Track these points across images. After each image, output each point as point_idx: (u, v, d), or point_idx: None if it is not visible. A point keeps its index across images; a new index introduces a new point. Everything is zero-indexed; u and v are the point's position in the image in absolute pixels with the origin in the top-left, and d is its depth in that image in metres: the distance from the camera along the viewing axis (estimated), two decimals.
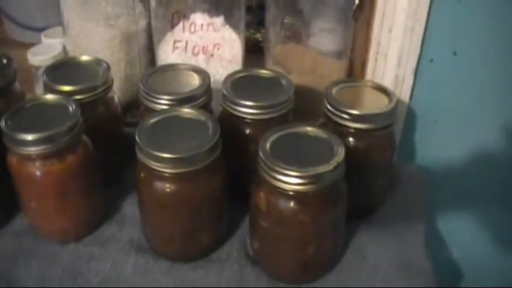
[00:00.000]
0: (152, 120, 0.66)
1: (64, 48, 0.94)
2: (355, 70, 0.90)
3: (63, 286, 0.69)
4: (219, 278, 0.69)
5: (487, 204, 0.91)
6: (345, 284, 0.69)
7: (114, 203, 0.79)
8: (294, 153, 0.63)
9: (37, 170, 0.67)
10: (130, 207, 0.78)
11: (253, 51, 1.02)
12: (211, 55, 0.87)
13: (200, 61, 0.87)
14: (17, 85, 0.79)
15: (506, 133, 0.83)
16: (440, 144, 0.89)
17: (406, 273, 0.71)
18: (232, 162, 0.70)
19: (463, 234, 0.94)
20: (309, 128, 0.66)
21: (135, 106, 0.87)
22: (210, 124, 0.66)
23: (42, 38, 0.99)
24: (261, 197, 0.64)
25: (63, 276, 0.70)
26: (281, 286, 0.69)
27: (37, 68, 0.93)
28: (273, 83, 0.75)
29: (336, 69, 0.88)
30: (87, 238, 0.74)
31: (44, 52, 0.94)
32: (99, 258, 0.72)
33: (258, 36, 1.07)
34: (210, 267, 0.70)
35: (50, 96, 0.71)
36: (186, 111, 0.68)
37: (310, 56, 0.88)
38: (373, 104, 0.72)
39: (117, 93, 0.82)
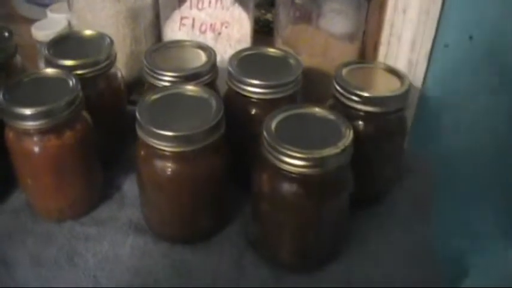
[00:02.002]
0: (154, 97, 0.64)
1: (69, 23, 0.92)
2: (367, 53, 0.87)
3: (58, 265, 0.67)
4: (219, 262, 0.67)
5: (500, 196, 0.88)
6: (347, 273, 0.67)
7: (115, 183, 0.78)
8: (300, 135, 0.60)
9: (34, 146, 0.65)
10: (130, 187, 0.76)
11: (264, 32, 0.99)
12: (219, 33, 0.85)
13: (208, 39, 0.85)
14: (18, 59, 0.77)
15: None
16: (453, 133, 0.87)
17: (412, 264, 0.69)
18: (236, 144, 0.68)
19: (472, 224, 0.91)
20: (317, 109, 0.64)
21: (140, 84, 0.84)
22: (213, 102, 0.63)
23: (48, 13, 0.97)
24: (264, 180, 0.61)
25: (59, 256, 0.68)
26: (281, 273, 0.66)
27: (41, 43, 0.91)
28: (281, 62, 0.73)
29: (347, 53, 0.85)
30: (84, 217, 0.73)
31: (48, 27, 0.92)
32: (97, 238, 0.70)
33: (269, 16, 1.04)
34: (209, 250, 0.68)
35: (49, 70, 0.69)
36: (189, 88, 0.66)
37: (320, 38, 0.85)
38: (385, 86, 0.69)
39: (122, 71, 0.80)
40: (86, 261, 0.68)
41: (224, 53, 0.84)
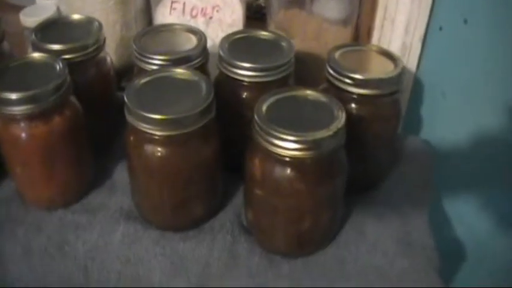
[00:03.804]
0: (143, 81, 0.63)
1: (58, 9, 0.90)
2: (360, 37, 0.86)
3: (49, 254, 0.66)
4: (210, 249, 0.66)
5: (495, 183, 0.87)
6: (342, 259, 0.66)
7: (105, 170, 0.76)
8: (292, 118, 0.59)
9: (21, 132, 0.64)
10: (121, 175, 0.74)
11: (256, 18, 0.98)
12: (210, 18, 0.83)
13: (199, 24, 0.84)
14: (6, 45, 0.76)
15: None
16: (448, 118, 0.86)
17: (407, 251, 0.68)
18: (229, 129, 0.67)
19: (469, 213, 0.90)
20: (309, 92, 0.63)
21: (131, 70, 0.83)
22: (203, 85, 0.62)
23: None
24: (256, 164, 0.60)
25: (49, 244, 0.67)
26: (276, 259, 0.65)
27: (30, 30, 0.89)
28: (273, 45, 0.71)
29: (341, 37, 0.84)
30: (75, 205, 0.72)
31: (37, 13, 0.90)
32: (87, 227, 0.69)
33: (261, 2, 1.03)
34: (201, 237, 0.67)
35: (36, 55, 0.67)
36: (179, 71, 0.64)
37: (313, 23, 0.84)
38: (378, 69, 0.68)
39: (112, 57, 0.79)
40: (77, 249, 0.67)
41: (216, 37, 0.82)
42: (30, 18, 0.89)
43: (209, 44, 0.74)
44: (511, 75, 0.78)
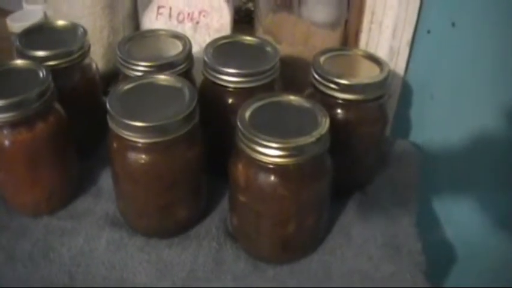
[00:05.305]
0: (125, 87, 0.63)
1: (45, 14, 0.90)
2: (349, 41, 0.86)
3: (33, 261, 0.65)
4: (196, 256, 0.66)
5: (483, 184, 0.87)
6: (328, 264, 0.66)
7: (91, 176, 0.76)
8: (275, 124, 0.59)
9: (5, 139, 0.63)
10: (107, 181, 0.74)
11: (245, 22, 0.98)
12: (197, 23, 0.83)
13: (187, 29, 0.84)
14: None
15: (506, 110, 0.79)
16: (436, 121, 0.86)
17: (394, 254, 0.67)
18: (214, 135, 0.66)
19: (458, 214, 0.90)
20: (292, 97, 0.62)
21: (118, 76, 0.83)
22: (186, 91, 0.62)
23: (24, 4, 0.95)
24: (240, 170, 0.60)
25: (34, 251, 0.67)
26: (261, 265, 0.65)
27: (17, 35, 0.89)
28: (258, 50, 0.71)
29: (329, 41, 0.84)
30: (60, 212, 0.71)
31: (24, 18, 0.90)
32: (72, 233, 0.68)
33: (250, 6, 1.02)
34: (187, 244, 0.67)
35: (19, 62, 0.67)
36: (162, 77, 0.64)
37: (302, 27, 0.83)
38: (364, 74, 0.68)
39: (99, 63, 0.79)
40: (61, 256, 0.66)
41: (203, 42, 0.81)
42: (17, 24, 0.89)
43: (196, 49, 0.74)
44: (499, 78, 0.78)
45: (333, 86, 0.65)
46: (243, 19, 0.99)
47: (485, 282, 0.95)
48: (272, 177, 0.58)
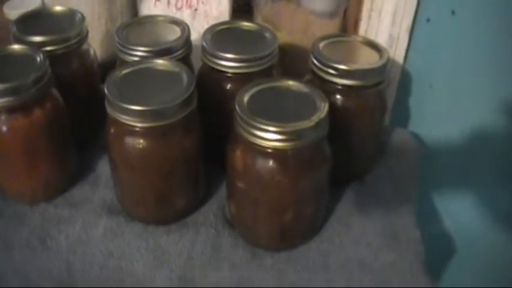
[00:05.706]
0: (123, 72, 0.62)
1: (42, 1, 0.89)
2: (348, 29, 0.85)
3: (30, 248, 0.65)
4: (193, 243, 0.65)
5: (482, 175, 0.87)
6: (327, 253, 0.65)
7: (89, 164, 0.76)
8: (274, 109, 0.59)
9: (2, 125, 0.63)
10: (104, 168, 0.74)
11: (244, 11, 0.97)
12: (196, 10, 0.82)
13: (185, 16, 0.83)
14: None
15: (505, 99, 0.79)
16: (435, 110, 0.85)
17: (393, 243, 0.67)
18: (212, 121, 0.66)
19: (456, 206, 0.90)
20: (291, 82, 0.62)
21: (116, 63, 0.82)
22: (184, 76, 0.61)
23: None
24: (238, 156, 0.59)
25: (31, 238, 0.66)
26: (259, 252, 0.65)
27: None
28: (257, 36, 0.70)
29: (328, 29, 0.83)
30: (57, 199, 0.71)
31: (21, 6, 0.88)
32: (69, 220, 0.68)
33: None
34: (184, 231, 0.67)
35: (16, 47, 0.66)
36: (160, 62, 0.64)
37: (301, 16, 0.83)
38: (363, 60, 0.68)
39: (97, 50, 0.78)
40: (59, 243, 0.66)
41: (202, 29, 0.81)
42: (14, 11, 0.87)
43: (195, 36, 0.73)
44: (498, 67, 0.78)
45: (332, 71, 0.65)
46: (242, 8, 0.98)
47: (484, 275, 0.95)
48: (270, 163, 0.57)
